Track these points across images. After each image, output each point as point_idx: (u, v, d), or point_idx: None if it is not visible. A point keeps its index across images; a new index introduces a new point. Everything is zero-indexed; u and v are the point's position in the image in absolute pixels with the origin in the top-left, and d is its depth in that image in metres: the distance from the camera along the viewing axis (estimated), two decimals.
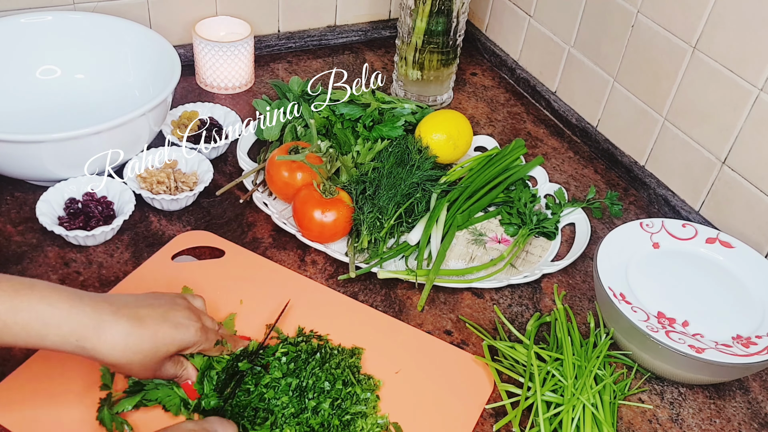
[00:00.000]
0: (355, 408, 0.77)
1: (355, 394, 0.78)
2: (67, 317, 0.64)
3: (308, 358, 0.80)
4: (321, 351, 0.82)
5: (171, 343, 0.69)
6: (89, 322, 0.65)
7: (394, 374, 0.83)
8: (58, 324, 0.63)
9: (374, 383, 0.80)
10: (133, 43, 1.10)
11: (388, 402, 0.80)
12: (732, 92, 0.98)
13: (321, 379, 0.78)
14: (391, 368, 0.83)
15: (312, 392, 0.77)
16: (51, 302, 0.64)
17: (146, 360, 0.68)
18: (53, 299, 0.64)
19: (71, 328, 0.64)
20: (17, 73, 1.08)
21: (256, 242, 0.98)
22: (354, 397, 0.78)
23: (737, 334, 0.84)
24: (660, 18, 1.06)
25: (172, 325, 0.69)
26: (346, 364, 0.81)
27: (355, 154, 1.08)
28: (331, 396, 0.77)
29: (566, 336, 0.85)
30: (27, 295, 0.63)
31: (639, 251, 0.93)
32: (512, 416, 0.79)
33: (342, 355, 0.82)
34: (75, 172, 0.96)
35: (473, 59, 1.46)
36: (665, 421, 0.84)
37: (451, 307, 0.93)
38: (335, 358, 0.81)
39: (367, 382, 0.80)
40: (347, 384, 0.79)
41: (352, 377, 0.79)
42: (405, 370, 0.83)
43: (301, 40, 1.39)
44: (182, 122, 1.10)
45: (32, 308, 0.63)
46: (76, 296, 0.65)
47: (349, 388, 0.78)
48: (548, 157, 1.22)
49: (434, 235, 0.99)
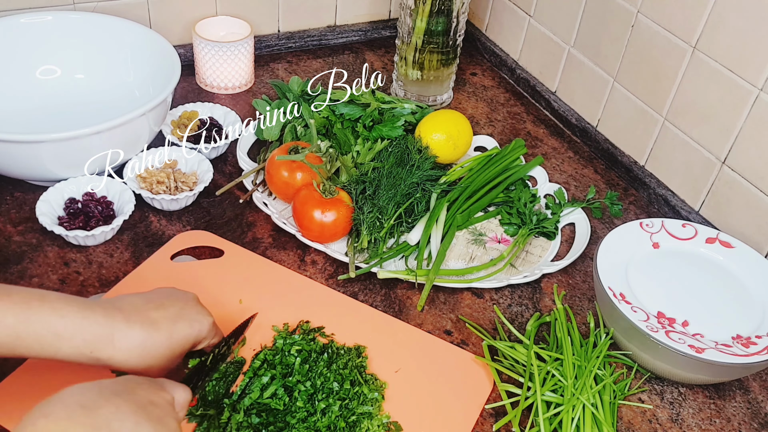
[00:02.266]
0: (361, 408, 0.76)
1: (362, 394, 0.78)
2: (80, 328, 0.63)
3: (317, 358, 0.80)
4: (328, 350, 0.82)
5: (186, 341, 0.69)
6: (102, 332, 0.64)
7: (394, 373, 0.83)
8: (71, 336, 0.63)
9: (380, 383, 0.80)
10: (133, 43, 1.10)
11: (388, 401, 0.80)
12: (732, 92, 0.98)
13: (330, 379, 0.78)
14: (391, 367, 0.83)
15: (321, 393, 0.76)
16: (63, 314, 0.63)
17: (164, 361, 0.68)
18: (65, 311, 0.63)
19: (84, 339, 0.63)
20: (17, 73, 1.08)
21: (256, 242, 0.98)
22: (361, 397, 0.77)
23: (737, 334, 0.84)
24: (660, 18, 1.06)
25: (188, 322, 0.69)
26: (353, 363, 0.81)
27: (355, 154, 1.08)
28: (340, 396, 0.77)
29: (566, 336, 0.85)
30: (38, 307, 0.63)
31: (639, 251, 0.93)
32: (512, 416, 0.79)
33: (349, 354, 0.82)
34: (75, 172, 0.96)
35: (473, 59, 1.46)
36: (665, 421, 0.84)
37: (451, 307, 0.93)
38: (343, 357, 0.81)
39: (374, 382, 0.80)
40: (354, 384, 0.79)
41: (359, 377, 0.79)
42: (404, 369, 0.84)
43: (301, 40, 1.39)
44: (182, 122, 1.10)
45: (44, 320, 0.62)
46: (87, 306, 0.65)
47: (356, 388, 0.78)
48: (548, 157, 1.22)
49: (434, 235, 0.99)
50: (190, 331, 0.69)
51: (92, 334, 0.64)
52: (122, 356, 0.65)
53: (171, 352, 0.68)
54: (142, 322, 0.66)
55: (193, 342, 0.70)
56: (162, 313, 0.68)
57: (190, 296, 0.73)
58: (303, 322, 0.86)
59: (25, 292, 0.64)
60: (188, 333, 0.69)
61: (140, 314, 0.67)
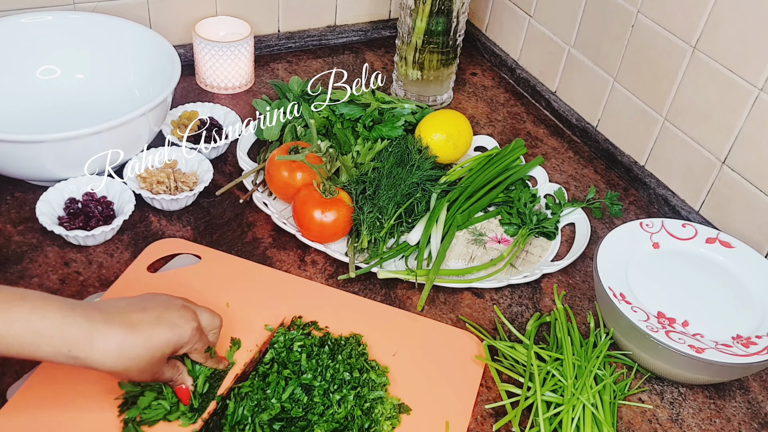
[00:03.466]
0: (372, 394, 0.78)
1: (371, 381, 0.79)
2: (59, 328, 0.63)
3: (319, 351, 0.81)
4: (328, 342, 0.83)
5: (166, 345, 0.69)
6: (81, 333, 0.64)
7: (392, 356, 0.84)
8: (51, 335, 0.63)
9: (384, 368, 0.82)
10: (133, 43, 1.10)
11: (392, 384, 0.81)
12: (732, 92, 0.98)
13: (339, 370, 0.79)
14: (388, 351, 0.85)
15: (333, 385, 0.78)
16: (43, 313, 0.63)
17: (143, 364, 0.67)
18: (45, 310, 0.63)
19: (63, 338, 0.63)
20: (17, 73, 1.08)
21: (255, 242, 0.98)
22: (370, 384, 0.79)
23: (737, 334, 0.84)
24: (660, 18, 1.06)
25: (167, 326, 0.69)
26: (356, 352, 0.82)
27: (355, 154, 1.08)
28: (352, 385, 0.78)
29: (566, 336, 0.85)
30: (19, 306, 0.63)
31: (639, 251, 0.93)
32: (512, 416, 0.79)
33: (350, 344, 0.83)
34: (75, 172, 0.96)
35: (473, 59, 1.46)
36: (665, 421, 0.84)
37: (451, 307, 0.93)
38: (345, 347, 0.82)
39: (378, 367, 0.82)
40: (363, 371, 0.80)
41: (366, 364, 0.81)
42: (401, 352, 0.85)
43: (301, 40, 1.39)
44: (182, 122, 1.10)
45: (24, 319, 0.62)
46: (68, 306, 0.65)
47: (364, 375, 0.79)
48: (548, 157, 1.22)
49: (434, 235, 0.99)
50: (170, 335, 0.69)
51: (71, 334, 0.64)
52: (99, 357, 0.65)
53: (150, 355, 0.68)
54: (121, 323, 0.66)
55: (174, 347, 0.70)
56: (142, 316, 0.68)
57: (175, 301, 0.72)
58: (296, 317, 0.86)
59: (8, 292, 0.64)
60: (167, 337, 0.69)
61: (121, 316, 0.67)
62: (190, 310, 0.72)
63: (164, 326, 0.69)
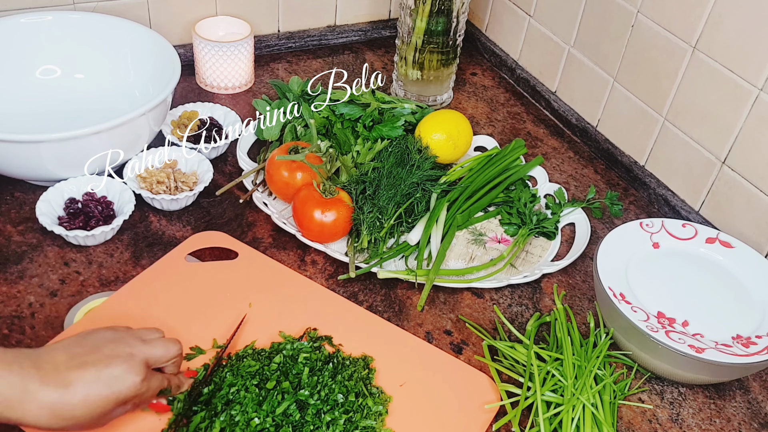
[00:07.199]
0: (364, 422, 0.75)
1: (366, 407, 0.76)
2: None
3: (322, 367, 0.79)
4: (333, 360, 0.80)
5: (106, 403, 0.66)
6: (13, 394, 0.62)
7: (399, 387, 0.81)
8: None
9: (385, 397, 0.79)
10: (133, 43, 1.10)
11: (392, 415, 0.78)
12: (732, 92, 0.98)
13: (334, 391, 0.76)
14: (396, 380, 0.81)
15: (326, 405, 0.75)
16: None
17: (84, 421, 0.65)
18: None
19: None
20: (17, 73, 1.08)
21: (256, 242, 0.98)
22: (365, 410, 0.76)
23: (737, 334, 0.84)
24: (660, 18, 1.06)
25: (105, 384, 0.65)
26: (359, 375, 0.79)
27: (355, 154, 1.08)
28: (345, 409, 0.75)
29: (566, 336, 0.85)
30: None
31: (639, 251, 0.93)
32: (512, 416, 0.79)
33: (355, 366, 0.80)
34: (75, 172, 0.96)
35: (473, 59, 1.46)
36: (665, 421, 0.84)
37: (451, 307, 0.93)
38: (348, 369, 0.80)
39: (379, 395, 0.79)
40: (359, 396, 0.77)
41: (365, 389, 0.78)
42: (410, 384, 0.81)
43: (301, 40, 1.39)
44: (182, 122, 1.10)
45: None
46: (4, 364, 0.63)
47: (360, 400, 0.77)
48: (548, 157, 1.22)
49: (434, 235, 0.99)
50: (108, 394, 0.65)
51: (4, 396, 0.62)
52: (32, 417, 0.63)
53: (88, 414, 0.65)
54: (57, 383, 0.64)
55: (116, 403, 0.66)
56: (81, 374, 0.65)
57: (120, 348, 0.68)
58: (311, 329, 0.85)
59: None
60: (105, 395, 0.65)
61: (58, 374, 0.64)
62: (135, 359, 0.68)
63: (102, 385, 0.65)
